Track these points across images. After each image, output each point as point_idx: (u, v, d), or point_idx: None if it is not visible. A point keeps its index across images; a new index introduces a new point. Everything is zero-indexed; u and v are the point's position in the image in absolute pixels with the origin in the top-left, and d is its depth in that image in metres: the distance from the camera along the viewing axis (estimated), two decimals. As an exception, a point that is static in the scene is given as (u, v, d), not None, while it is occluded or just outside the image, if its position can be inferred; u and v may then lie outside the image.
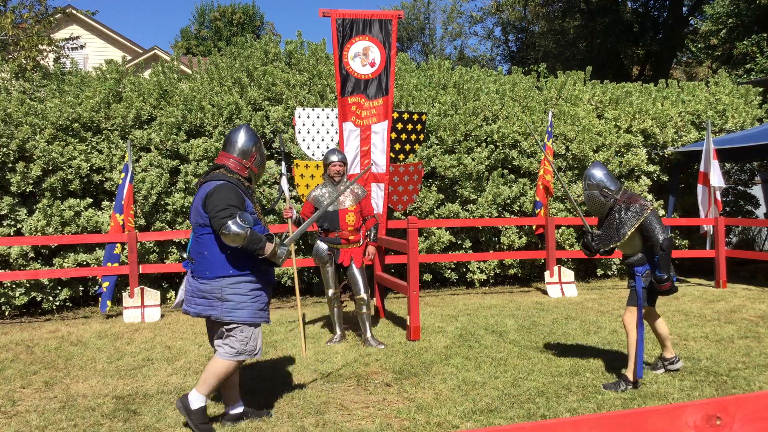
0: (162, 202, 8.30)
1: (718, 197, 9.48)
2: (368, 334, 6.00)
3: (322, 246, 6.09)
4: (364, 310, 6.02)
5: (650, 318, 4.86)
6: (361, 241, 6.14)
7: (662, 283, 4.45)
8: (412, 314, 6.15)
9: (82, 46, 14.25)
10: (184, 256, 3.93)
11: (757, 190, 11.77)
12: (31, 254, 7.95)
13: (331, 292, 6.13)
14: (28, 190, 7.91)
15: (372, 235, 6.16)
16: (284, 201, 6.13)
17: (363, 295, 6.00)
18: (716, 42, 18.49)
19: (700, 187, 9.58)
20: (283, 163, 6.44)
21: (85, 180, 8.16)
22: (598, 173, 4.70)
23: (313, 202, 6.08)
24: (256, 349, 3.94)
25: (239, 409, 4.07)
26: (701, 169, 9.49)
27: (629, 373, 4.59)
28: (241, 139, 4.02)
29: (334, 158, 6.06)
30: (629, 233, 4.55)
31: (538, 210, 9.12)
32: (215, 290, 3.79)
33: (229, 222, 3.67)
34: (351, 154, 7.12)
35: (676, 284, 4.71)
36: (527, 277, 9.73)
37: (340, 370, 5.14)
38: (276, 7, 65.82)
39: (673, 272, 4.63)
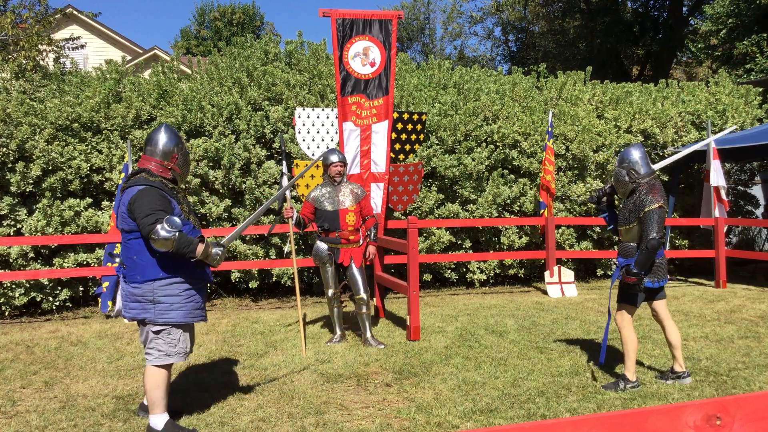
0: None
1: (724, 196, 9.49)
2: (368, 334, 6.00)
3: (322, 246, 6.08)
4: (364, 310, 6.02)
5: (660, 321, 4.78)
6: (361, 241, 6.14)
7: (630, 275, 4.44)
8: (412, 314, 6.15)
9: (82, 46, 14.24)
10: (117, 260, 3.95)
11: (757, 190, 11.77)
12: (31, 254, 7.95)
13: (331, 292, 6.13)
14: (28, 190, 7.91)
15: (372, 235, 6.17)
16: (284, 201, 6.13)
17: (362, 295, 6.00)
18: (716, 42, 18.49)
19: (705, 185, 9.63)
20: (284, 162, 6.44)
21: (85, 180, 8.16)
22: (634, 155, 4.66)
23: (312, 202, 6.07)
24: (185, 351, 3.93)
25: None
26: (705, 167, 9.54)
27: (628, 372, 4.59)
28: (161, 140, 3.99)
29: (334, 158, 6.06)
30: (634, 224, 4.56)
31: (542, 210, 9.13)
32: (147, 293, 3.79)
33: (157, 227, 3.64)
34: (351, 153, 7.12)
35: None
36: (527, 277, 9.73)
37: (340, 370, 5.14)
38: (276, 7, 65.88)
39: (655, 279, 4.54)
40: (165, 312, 3.81)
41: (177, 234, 3.68)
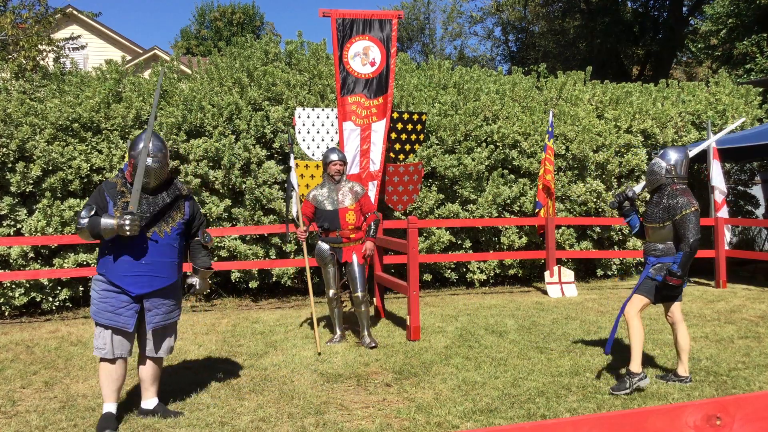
0: (162, 202, 8.29)
1: (716, 198, 9.48)
2: (364, 332, 5.99)
3: (324, 246, 6.08)
4: (363, 308, 6.02)
5: (673, 323, 4.76)
6: (363, 239, 6.12)
7: (674, 277, 4.45)
8: (412, 314, 6.15)
9: (83, 47, 14.24)
10: None
11: (757, 190, 11.77)
12: (31, 254, 7.95)
13: (331, 292, 6.13)
14: (28, 190, 7.91)
15: (372, 230, 6.11)
16: (293, 195, 6.13)
17: (359, 293, 5.99)
18: (716, 42, 18.49)
19: (710, 186, 9.66)
20: (291, 155, 6.45)
21: (85, 180, 8.15)
22: (675, 155, 4.66)
23: (312, 202, 6.07)
24: (102, 347, 4.00)
25: (150, 405, 4.21)
26: (706, 167, 9.56)
27: (633, 365, 4.54)
28: (133, 144, 4.16)
29: (334, 157, 6.06)
30: (666, 224, 4.56)
31: (538, 210, 9.12)
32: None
33: (79, 220, 3.96)
34: (351, 153, 7.12)
35: (685, 288, 4.70)
36: (527, 277, 9.73)
37: (340, 370, 5.14)
38: (276, 7, 65.89)
39: (686, 278, 4.62)
40: (91, 306, 4.09)
41: (87, 222, 3.91)
